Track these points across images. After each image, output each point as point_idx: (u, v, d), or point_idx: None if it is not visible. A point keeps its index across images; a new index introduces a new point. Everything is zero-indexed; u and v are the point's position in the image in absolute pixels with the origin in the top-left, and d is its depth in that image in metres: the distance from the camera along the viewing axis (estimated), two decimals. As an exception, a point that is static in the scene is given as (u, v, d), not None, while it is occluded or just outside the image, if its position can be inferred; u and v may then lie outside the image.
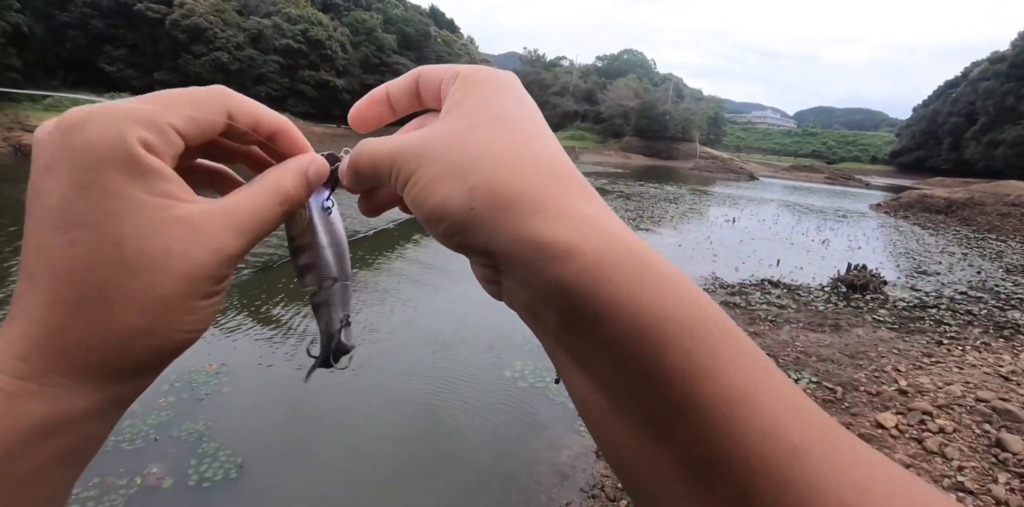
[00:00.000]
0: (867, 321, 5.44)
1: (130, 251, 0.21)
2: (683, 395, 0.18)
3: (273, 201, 0.25)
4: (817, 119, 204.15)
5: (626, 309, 0.18)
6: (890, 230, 14.36)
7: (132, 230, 0.21)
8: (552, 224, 0.20)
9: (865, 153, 77.47)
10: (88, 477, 2.49)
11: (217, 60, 28.07)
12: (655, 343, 0.18)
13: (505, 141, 0.23)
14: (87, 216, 0.20)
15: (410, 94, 0.29)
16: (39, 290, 0.20)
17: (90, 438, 0.22)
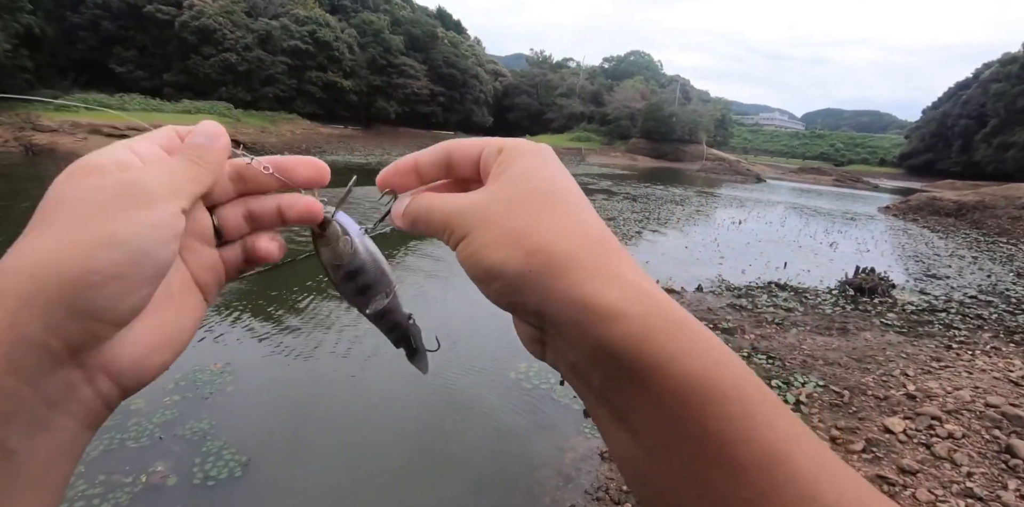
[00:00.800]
0: (875, 325, 5.39)
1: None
2: (723, 457, 0.18)
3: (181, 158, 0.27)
4: (825, 121, 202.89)
5: (670, 371, 0.19)
6: (899, 233, 14.23)
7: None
8: (603, 290, 0.21)
9: (874, 155, 76.79)
10: (94, 474, 2.51)
11: (226, 61, 28.23)
12: (697, 404, 0.19)
13: (558, 212, 0.25)
14: None
15: (439, 167, 0.30)
16: None
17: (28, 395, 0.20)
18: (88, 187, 0.23)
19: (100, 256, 0.21)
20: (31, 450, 0.20)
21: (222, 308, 4.59)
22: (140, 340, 0.24)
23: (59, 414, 0.21)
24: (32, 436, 0.20)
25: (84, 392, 0.22)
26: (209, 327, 4.17)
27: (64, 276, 0.21)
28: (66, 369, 0.21)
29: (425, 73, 40.70)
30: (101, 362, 0.23)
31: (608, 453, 0.22)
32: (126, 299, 0.22)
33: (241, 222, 0.30)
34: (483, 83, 47.49)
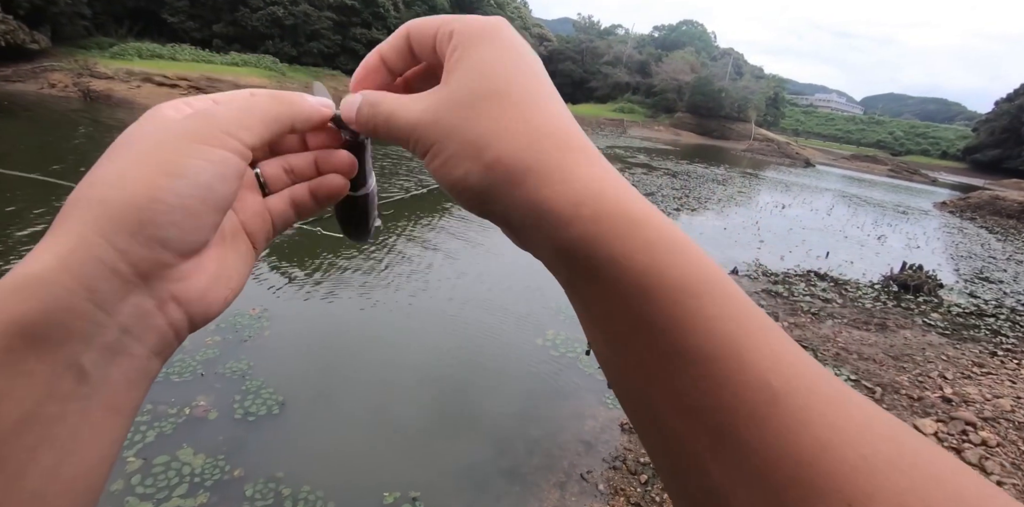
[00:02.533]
0: (917, 324, 5.19)
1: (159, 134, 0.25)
2: (671, 347, 0.20)
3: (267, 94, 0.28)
4: (886, 106, 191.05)
5: (622, 267, 0.21)
6: (953, 231, 13.52)
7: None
8: (556, 195, 0.22)
9: (936, 147, 72.05)
10: (143, 403, 2.68)
11: (273, 14, 28.10)
12: (647, 297, 0.20)
13: (511, 117, 0.24)
14: None
15: (403, 54, 0.29)
16: None
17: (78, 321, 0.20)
18: (158, 123, 0.25)
19: (163, 186, 0.22)
20: (105, 375, 0.21)
21: (262, 256, 4.74)
22: (205, 272, 0.25)
23: (132, 341, 0.22)
24: (106, 360, 0.21)
25: (156, 320, 0.23)
26: (249, 276, 4.32)
27: (130, 202, 0.22)
28: (137, 295, 0.22)
29: (470, 35, 39.75)
30: (171, 290, 0.23)
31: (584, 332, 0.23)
32: (189, 229, 0.23)
33: (282, 175, 0.31)
34: (528, 48, 46.16)
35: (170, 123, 0.25)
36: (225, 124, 0.25)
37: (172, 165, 0.23)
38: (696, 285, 0.20)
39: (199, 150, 0.24)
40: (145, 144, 0.24)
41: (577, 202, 0.22)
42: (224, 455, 2.43)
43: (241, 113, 0.26)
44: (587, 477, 2.57)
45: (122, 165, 0.23)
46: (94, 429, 0.21)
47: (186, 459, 2.37)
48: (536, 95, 0.25)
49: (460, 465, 2.58)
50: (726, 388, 0.19)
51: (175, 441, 2.47)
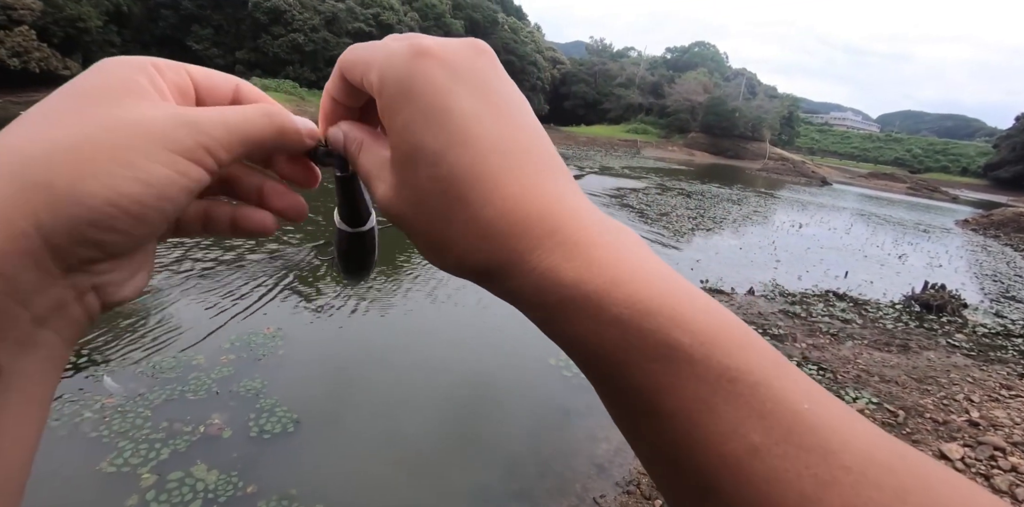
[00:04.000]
0: (940, 345, 5.05)
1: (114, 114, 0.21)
2: (647, 406, 0.20)
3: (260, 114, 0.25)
4: (903, 124, 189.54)
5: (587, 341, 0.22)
6: (977, 249, 13.22)
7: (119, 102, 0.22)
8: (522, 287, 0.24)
9: (955, 164, 71.00)
10: (158, 420, 2.72)
11: (293, 41, 29.22)
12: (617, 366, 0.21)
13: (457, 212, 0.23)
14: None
15: (348, 91, 0.28)
16: None
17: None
18: (137, 105, 0.22)
19: (127, 192, 0.20)
20: (20, 368, 0.20)
21: (274, 278, 4.82)
22: (131, 265, 0.24)
23: (48, 332, 0.21)
24: (21, 353, 0.20)
25: (73, 310, 0.22)
26: (261, 294, 4.39)
27: (80, 200, 0.20)
28: (57, 288, 0.21)
29: (484, 58, 40.67)
30: (92, 282, 0.22)
31: None
32: (132, 236, 0.22)
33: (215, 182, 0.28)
34: (541, 70, 47.01)
35: (146, 110, 0.22)
36: (208, 139, 0.23)
37: (143, 172, 0.21)
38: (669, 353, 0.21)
39: (175, 161, 0.22)
40: (110, 126, 0.21)
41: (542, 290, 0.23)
42: (238, 472, 2.44)
43: (227, 131, 0.24)
44: (600, 501, 2.52)
45: (82, 142, 0.20)
46: (12, 423, 0.20)
47: (200, 475, 2.39)
48: (481, 169, 0.23)
49: (471, 487, 2.55)
50: (699, 442, 0.19)
51: (189, 458, 2.49)
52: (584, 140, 36.65)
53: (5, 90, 16.90)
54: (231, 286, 4.49)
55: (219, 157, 0.23)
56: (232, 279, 4.66)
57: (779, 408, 0.19)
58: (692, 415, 0.19)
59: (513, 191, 0.23)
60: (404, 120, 0.23)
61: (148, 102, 0.23)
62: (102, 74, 0.23)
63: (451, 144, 0.23)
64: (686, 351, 0.20)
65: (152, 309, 3.98)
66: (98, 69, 0.23)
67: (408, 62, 0.24)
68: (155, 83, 0.24)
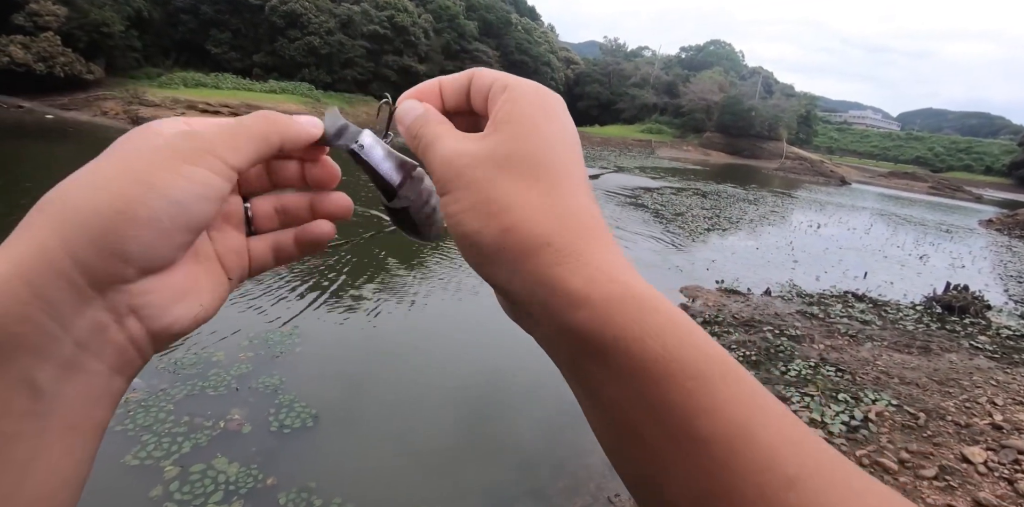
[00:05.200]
0: (963, 347, 4.95)
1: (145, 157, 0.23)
2: (683, 430, 0.19)
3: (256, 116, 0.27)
4: (925, 122, 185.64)
5: (632, 351, 0.20)
6: (1001, 250, 12.92)
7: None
8: (570, 275, 0.22)
9: (979, 162, 69.20)
10: (180, 415, 2.78)
11: (309, 44, 29.53)
12: (658, 381, 0.20)
13: (543, 187, 0.24)
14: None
15: (460, 93, 0.30)
16: None
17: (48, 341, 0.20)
18: (147, 137, 0.24)
19: (134, 198, 0.21)
20: (60, 391, 0.20)
21: (290, 276, 4.89)
22: (171, 289, 0.24)
23: (89, 356, 0.21)
24: (62, 376, 0.20)
25: (114, 335, 0.22)
26: (277, 293, 4.46)
27: (95, 211, 0.21)
28: (94, 309, 0.21)
29: (497, 59, 40.76)
30: (130, 305, 0.22)
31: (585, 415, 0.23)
32: (154, 246, 0.22)
33: (272, 214, 0.30)
34: (554, 70, 46.96)
35: (157, 138, 0.24)
36: (211, 143, 0.24)
37: (147, 178, 0.22)
38: (706, 369, 0.20)
39: (179, 167, 0.23)
40: (127, 156, 0.23)
41: (590, 284, 0.22)
42: (257, 465, 2.49)
43: (229, 133, 0.25)
44: (615, 501, 2.52)
45: (100, 174, 0.22)
46: (53, 450, 0.20)
47: (221, 467, 2.44)
48: (572, 174, 0.25)
49: (486, 484, 2.57)
50: (736, 472, 0.18)
51: (210, 451, 2.55)
52: (598, 141, 36.49)
53: (32, 94, 17.40)
54: (246, 287, 4.58)
55: (226, 158, 0.24)
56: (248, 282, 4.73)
57: (810, 439, 0.19)
58: (729, 442, 0.18)
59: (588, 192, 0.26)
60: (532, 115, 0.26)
61: (163, 128, 0.25)
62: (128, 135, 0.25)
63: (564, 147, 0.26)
64: (721, 369, 0.20)
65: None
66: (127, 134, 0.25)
67: (548, 91, 0.27)
68: (173, 127, 0.26)
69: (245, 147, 0.25)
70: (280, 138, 0.27)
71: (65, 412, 0.20)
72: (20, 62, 17.07)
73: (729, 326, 4.88)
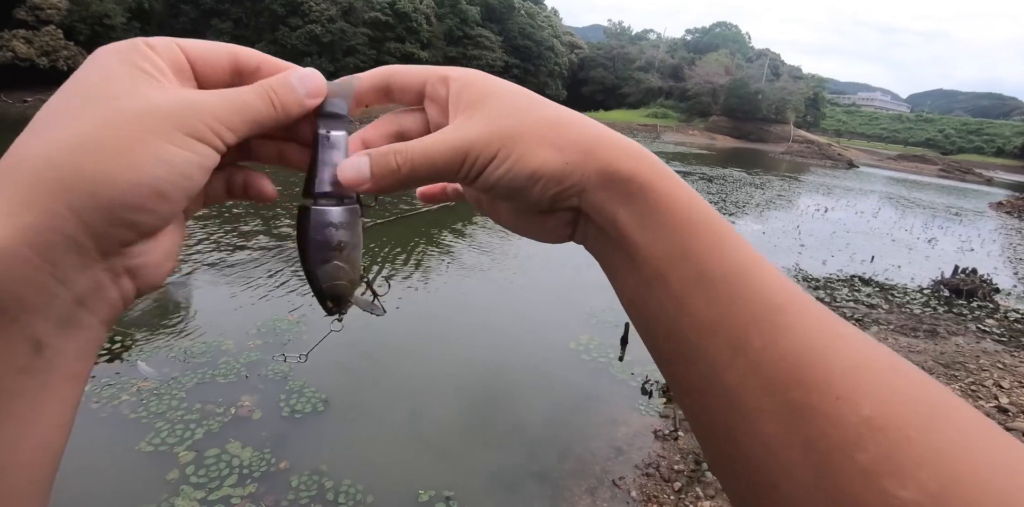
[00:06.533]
0: (970, 330, 4.93)
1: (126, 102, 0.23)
2: (697, 271, 0.25)
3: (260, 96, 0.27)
4: (935, 103, 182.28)
5: (671, 203, 0.26)
6: (1011, 233, 12.78)
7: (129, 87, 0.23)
8: (622, 158, 0.27)
9: (990, 144, 67.96)
10: (192, 402, 2.84)
11: (311, 32, 29.30)
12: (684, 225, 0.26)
13: (559, 114, 0.29)
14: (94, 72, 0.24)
15: (378, 92, 0.31)
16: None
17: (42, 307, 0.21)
18: (144, 92, 0.23)
19: (150, 171, 0.22)
20: (61, 347, 0.21)
21: (296, 265, 4.91)
22: (160, 248, 0.25)
23: (87, 313, 0.22)
24: (62, 333, 0.21)
25: (110, 292, 0.23)
26: (284, 283, 4.50)
27: (111, 182, 0.21)
28: (95, 269, 0.22)
29: (500, 44, 40.27)
30: (126, 265, 0.24)
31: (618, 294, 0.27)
32: (161, 214, 0.24)
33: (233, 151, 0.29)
34: (558, 55, 46.34)
35: (151, 95, 0.24)
36: (212, 119, 0.25)
37: (156, 150, 0.23)
38: (719, 225, 0.26)
39: (186, 141, 0.24)
40: (129, 117, 0.22)
41: (637, 165, 0.27)
42: (270, 449, 2.55)
43: (230, 113, 0.26)
44: (619, 483, 2.56)
45: (100, 133, 0.22)
46: (52, 400, 0.21)
47: (235, 452, 2.50)
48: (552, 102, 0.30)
49: (493, 468, 2.62)
50: (739, 303, 0.23)
51: (223, 437, 2.60)
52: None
53: (35, 88, 17.40)
54: (253, 275, 4.62)
55: (224, 137, 0.25)
56: (253, 269, 4.78)
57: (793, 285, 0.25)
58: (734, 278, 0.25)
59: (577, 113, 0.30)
60: (486, 82, 0.29)
61: (151, 88, 0.24)
62: (98, 66, 0.24)
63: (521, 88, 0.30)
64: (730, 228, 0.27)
65: (182, 299, 4.13)
66: (93, 61, 0.24)
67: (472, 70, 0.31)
68: (154, 64, 0.25)
69: (241, 130, 0.26)
70: (275, 122, 0.28)
71: (63, 365, 0.22)
72: (23, 57, 17.05)
73: (734, 311, 4.89)
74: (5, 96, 16.64)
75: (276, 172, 0.35)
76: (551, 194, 0.28)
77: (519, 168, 0.27)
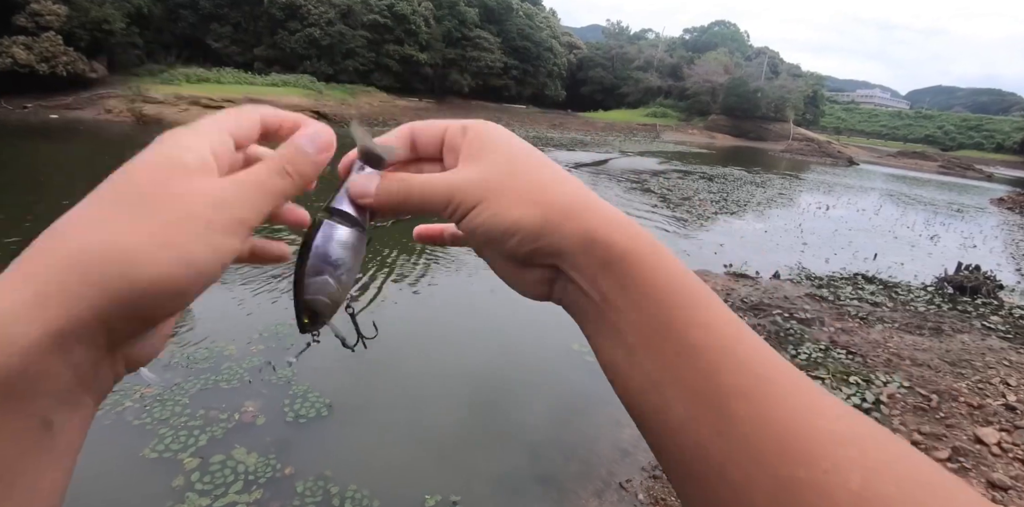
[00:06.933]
0: (975, 327, 4.91)
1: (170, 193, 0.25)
2: (686, 337, 0.25)
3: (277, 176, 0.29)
4: (934, 100, 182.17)
5: (653, 273, 0.27)
6: (1013, 228, 12.76)
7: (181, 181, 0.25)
8: (602, 226, 0.28)
9: (990, 140, 67.78)
10: (195, 409, 2.83)
11: (310, 36, 29.29)
12: (668, 299, 0.26)
13: (551, 175, 0.30)
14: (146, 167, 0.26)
15: (406, 146, 0.34)
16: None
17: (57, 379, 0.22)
18: (173, 192, 0.25)
19: (173, 273, 0.23)
20: (65, 424, 0.23)
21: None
22: (160, 334, 0.27)
23: (89, 394, 0.25)
24: (67, 411, 0.23)
25: (107, 373, 0.25)
26: (287, 289, 4.48)
27: (139, 290, 0.23)
28: (105, 360, 0.25)
29: (499, 46, 40.27)
30: (127, 352, 0.26)
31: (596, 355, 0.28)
32: (176, 309, 0.25)
33: None
34: (557, 56, 46.34)
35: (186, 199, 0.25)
36: (242, 213, 0.26)
37: (188, 256, 0.24)
38: (703, 294, 0.27)
39: (213, 239, 0.25)
40: (158, 217, 0.24)
41: (618, 232, 0.28)
42: (275, 454, 2.54)
43: (255, 199, 0.27)
44: (626, 486, 2.54)
45: (134, 236, 0.23)
46: (54, 469, 0.23)
47: (240, 458, 2.49)
48: (555, 165, 0.32)
49: (499, 472, 2.60)
50: (724, 373, 0.24)
51: (227, 443, 2.59)
52: (602, 126, 36.09)
53: (35, 95, 17.42)
54: (256, 280, 4.61)
55: (252, 225, 0.27)
56: (255, 275, 4.77)
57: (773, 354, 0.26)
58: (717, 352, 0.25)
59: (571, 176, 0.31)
60: (499, 136, 0.32)
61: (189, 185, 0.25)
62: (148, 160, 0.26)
63: (529, 146, 0.32)
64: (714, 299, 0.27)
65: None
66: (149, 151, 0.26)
67: (489, 123, 0.33)
68: (199, 155, 0.27)
69: (267, 208, 0.28)
70: (297, 190, 0.30)
71: (66, 440, 0.24)
72: (23, 63, 17.04)
73: (738, 310, 4.87)
74: (5, 102, 16.64)
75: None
76: (527, 250, 0.29)
77: (497, 220, 0.29)
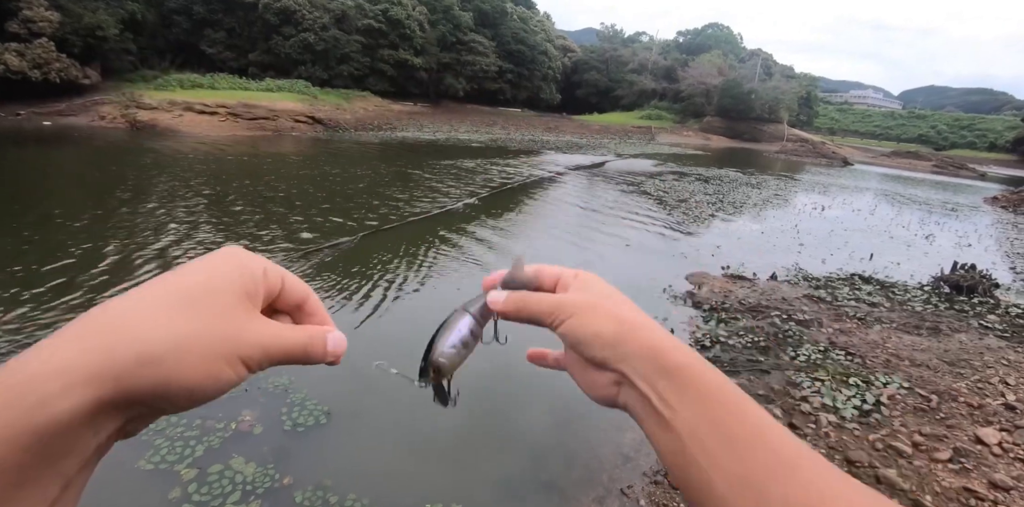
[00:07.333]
0: (972, 327, 4.92)
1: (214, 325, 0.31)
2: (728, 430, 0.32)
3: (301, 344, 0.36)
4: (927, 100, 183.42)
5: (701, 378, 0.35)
6: (1007, 227, 12.82)
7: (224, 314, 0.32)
8: (663, 341, 0.38)
9: (982, 139, 68.26)
10: (192, 418, 2.79)
11: (304, 41, 29.30)
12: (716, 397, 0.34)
13: (627, 305, 0.42)
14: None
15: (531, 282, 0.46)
16: None
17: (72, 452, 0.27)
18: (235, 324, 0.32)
19: (203, 385, 0.30)
20: (79, 480, 0.28)
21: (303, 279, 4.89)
22: None
23: (99, 455, 0.29)
24: (83, 469, 0.28)
25: (113, 437, 0.30)
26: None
27: (169, 390, 0.29)
28: (116, 432, 0.29)
29: (494, 50, 40.38)
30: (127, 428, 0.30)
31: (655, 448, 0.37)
32: (187, 409, 0.31)
33: None
34: (552, 59, 46.50)
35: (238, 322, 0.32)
36: (265, 355, 0.33)
37: (220, 372, 0.30)
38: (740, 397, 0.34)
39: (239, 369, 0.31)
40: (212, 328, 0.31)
41: (674, 346, 0.37)
42: (273, 464, 2.51)
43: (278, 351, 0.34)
44: (628, 492, 2.52)
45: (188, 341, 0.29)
46: None
47: (238, 468, 2.46)
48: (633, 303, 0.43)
49: (500, 478, 2.58)
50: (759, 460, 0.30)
51: (224, 453, 2.56)
52: (597, 128, 36.18)
53: (29, 101, 17.34)
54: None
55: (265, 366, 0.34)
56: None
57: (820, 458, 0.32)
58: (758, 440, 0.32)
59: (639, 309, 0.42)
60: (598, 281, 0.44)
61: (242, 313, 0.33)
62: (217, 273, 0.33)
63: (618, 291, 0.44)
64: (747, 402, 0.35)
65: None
66: (210, 263, 0.34)
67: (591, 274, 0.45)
68: (255, 288, 0.34)
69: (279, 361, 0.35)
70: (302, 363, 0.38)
71: (74, 495, 0.28)
72: (16, 70, 16.97)
73: (736, 312, 4.86)
74: (-2, 110, 16.56)
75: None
76: (603, 354, 0.38)
77: (585, 328, 0.39)
